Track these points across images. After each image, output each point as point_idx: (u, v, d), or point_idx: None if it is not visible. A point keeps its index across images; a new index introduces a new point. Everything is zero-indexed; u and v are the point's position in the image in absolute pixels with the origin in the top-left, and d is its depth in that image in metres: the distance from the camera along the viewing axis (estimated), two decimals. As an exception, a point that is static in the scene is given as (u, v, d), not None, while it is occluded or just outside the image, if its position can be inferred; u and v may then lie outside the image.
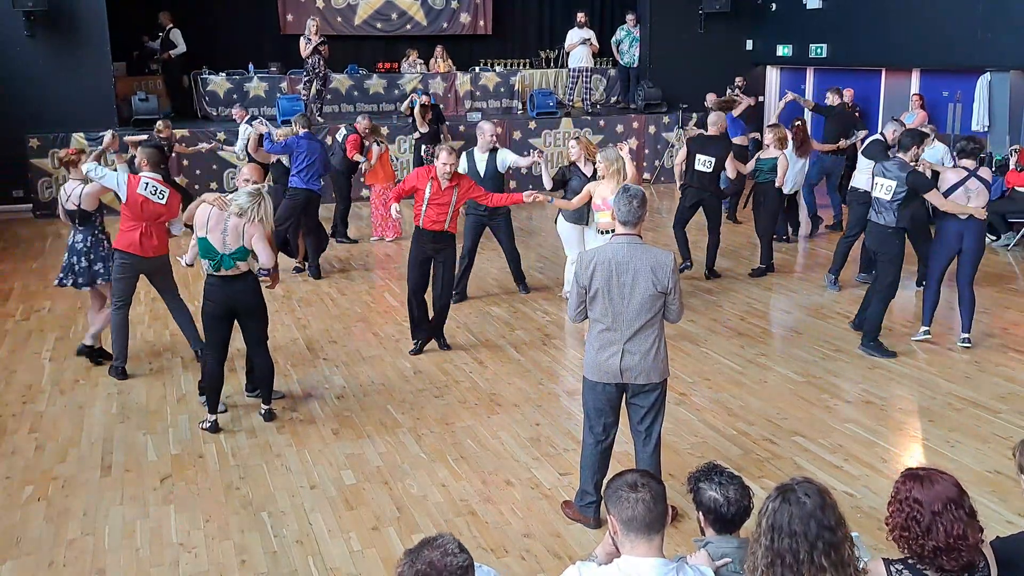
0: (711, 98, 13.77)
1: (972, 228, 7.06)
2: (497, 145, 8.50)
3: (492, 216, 8.49)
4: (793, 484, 2.53)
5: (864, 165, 8.84)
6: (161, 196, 6.49)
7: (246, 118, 11.53)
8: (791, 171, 9.65)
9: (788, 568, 2.42)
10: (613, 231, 5.73)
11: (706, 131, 9.52)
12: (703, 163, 9.01)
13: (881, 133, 9.26)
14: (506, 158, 8.41)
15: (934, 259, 7.32)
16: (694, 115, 15.06)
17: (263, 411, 5.98)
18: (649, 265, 4.29)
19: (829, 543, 2.43)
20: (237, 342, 6.10)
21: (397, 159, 13.78)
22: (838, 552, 2.43)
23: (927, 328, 7.39)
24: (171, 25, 14.49)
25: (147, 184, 6.45)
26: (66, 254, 6.91)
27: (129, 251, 6.50)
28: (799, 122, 10.17)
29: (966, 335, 7.27)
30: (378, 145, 10.94)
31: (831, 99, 11.68)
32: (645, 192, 4.49)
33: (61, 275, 6.93)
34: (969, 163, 7.09)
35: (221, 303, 5.68)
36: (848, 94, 13.60)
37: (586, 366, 4.54)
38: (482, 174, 8.23)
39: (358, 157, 10.61)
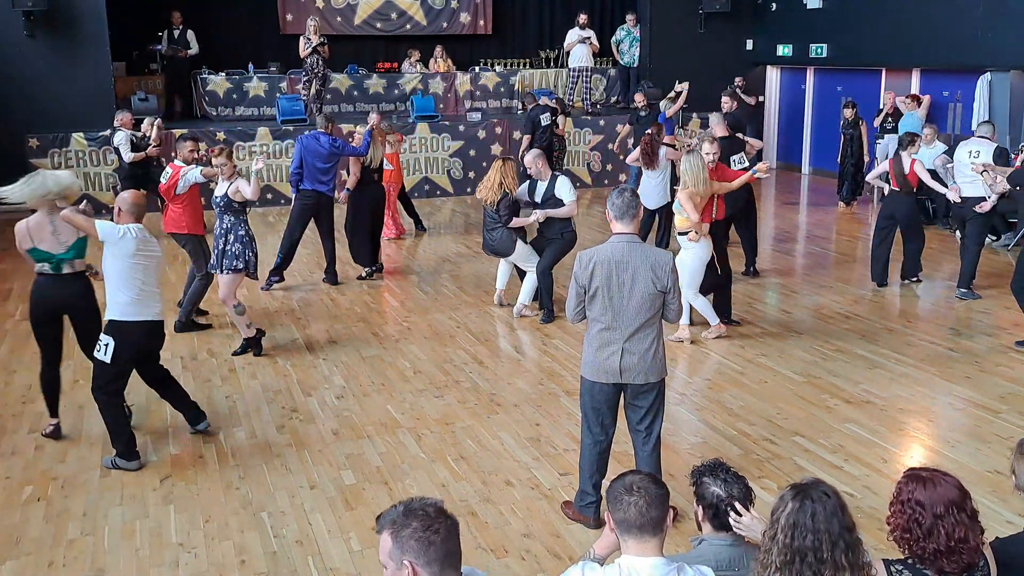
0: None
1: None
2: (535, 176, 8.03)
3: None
4: (809, 483, 2.53)
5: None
6: (164, 177, 7.63)
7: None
8: (647, 185, 9.68)
9: (808, 567, 2.41)
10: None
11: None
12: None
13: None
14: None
15: None
16: (694, 115, 15.09)
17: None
18: (649, 264, 4.29)
19: (848, 543, 2.43)
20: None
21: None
22: (856, 553, 2.44)
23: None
24: (183, 25, 14.54)
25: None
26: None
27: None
28: (648, 133, 9.94)
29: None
30: (389, 145, 10.85)
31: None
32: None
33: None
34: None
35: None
36: (888, 98, 13.41)
37: (584, 366, 4.53)
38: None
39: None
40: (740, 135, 9.36)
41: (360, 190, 9.47)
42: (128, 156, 11.11)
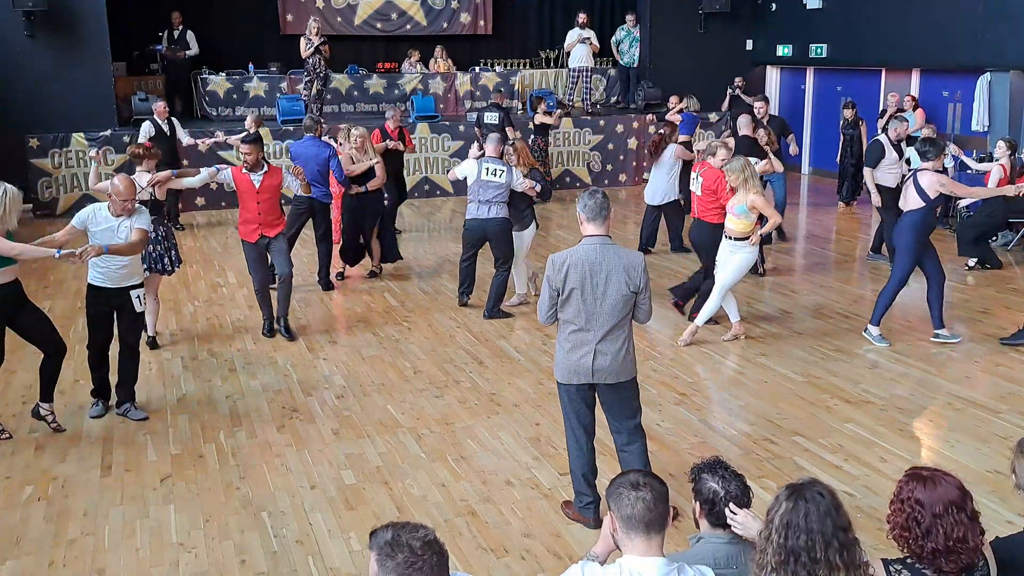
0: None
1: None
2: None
3: None
4: (804, 483, 2.54)
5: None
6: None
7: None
8: (654, 180, 10.06)
9: (802, 566, 2.41)
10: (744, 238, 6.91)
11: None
12: None
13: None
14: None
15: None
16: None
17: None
18: (622, 265, 4.30)
19: (843, 543, 2.43)
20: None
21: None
22: (851, 553, 2.44)
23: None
24: (182, 26, 14.54)
25: None
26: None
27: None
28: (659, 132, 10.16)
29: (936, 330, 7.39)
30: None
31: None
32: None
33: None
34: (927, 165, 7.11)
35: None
36: (892, 99, 13.41)
37: (557, 368, 4.54)
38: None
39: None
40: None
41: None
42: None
